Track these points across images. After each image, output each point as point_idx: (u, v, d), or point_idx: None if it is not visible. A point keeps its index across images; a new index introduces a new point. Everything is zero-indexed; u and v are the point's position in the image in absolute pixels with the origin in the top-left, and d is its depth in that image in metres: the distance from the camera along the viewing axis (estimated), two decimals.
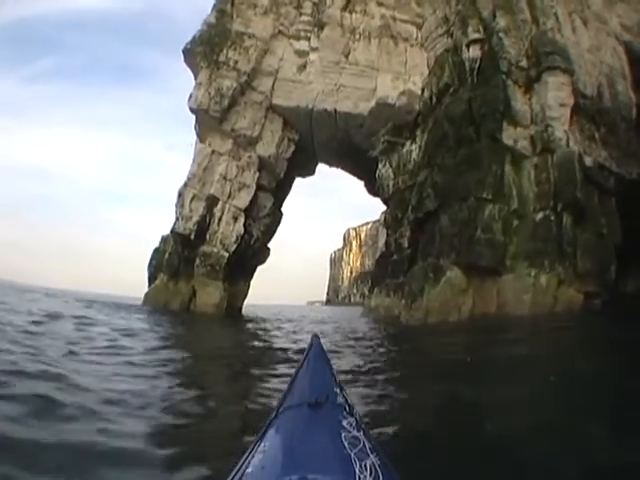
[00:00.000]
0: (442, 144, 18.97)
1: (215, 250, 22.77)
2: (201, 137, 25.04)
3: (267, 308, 51.47)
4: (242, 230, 23.50)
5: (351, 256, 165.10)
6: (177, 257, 22.92)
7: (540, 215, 16.42)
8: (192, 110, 24.07)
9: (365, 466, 1.35)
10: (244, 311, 27.75)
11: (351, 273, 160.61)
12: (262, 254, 27.25)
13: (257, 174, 24.26)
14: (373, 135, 24.29)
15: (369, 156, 24.87)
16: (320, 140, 26.32)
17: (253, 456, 1.54)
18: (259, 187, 24.79)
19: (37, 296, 24.40)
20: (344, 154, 27.26)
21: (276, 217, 27.49)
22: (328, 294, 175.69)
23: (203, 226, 23.02)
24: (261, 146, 24.56)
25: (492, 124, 17.78)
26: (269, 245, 28.05)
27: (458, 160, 17.73)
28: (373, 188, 28.12)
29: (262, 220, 25.42)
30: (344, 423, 1.69)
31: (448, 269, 16.14)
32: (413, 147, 22.05)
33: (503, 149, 17.53)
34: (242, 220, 23.59)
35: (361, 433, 1.63)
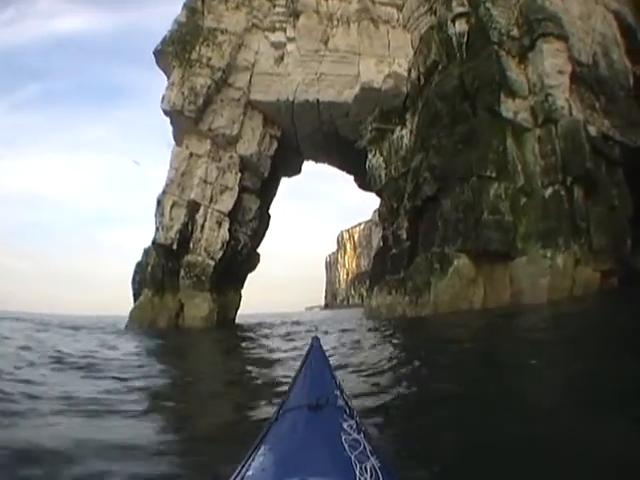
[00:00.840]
0: (435, 124, 17.63)
1: (200, 259, 21.18)
2: (177, 140, 23.48)
3: (264, 317, 49.85)
4: (227, 236, 21.92)
5: (346, 258, 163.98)
6: (160, 269, 21.31)
7: (549, 190, 15.18)
8: (165, 112, 22.56)
9: (365, 469, 1.32)
10: (238, 322, 26.17)
11: (348, 275, 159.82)
12: (251, 260, 25.68)
13: (239, 175, 22.73)
14: (360, 124, 22.86)
15: (357, 147, 23.45)
16: (304, 134, 24.82)
17: (253, 459, 1.49)
18: (243, 189, 23.26)
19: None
20: (330, 148, 25.74)
21: (264, 220, 25.95)
22: (326, 298, 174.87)
23: (186, 234, 21.43)
24: (242, 145, 23.05)
25: (489, 96, 16.54)
26: (259, 250, 26.62)
27: (455, 139, 16.44)
28: (364, 181, 26.67)
29: (249, 224, 23.85)
30: (344, 425, 1.63)
31: (455, 258, 14.69)
32: (404, 132, 20.66)
33: (503, 123, 16.29)
34: (227, 225, 22.01)
35: (361, 436, 1.57)
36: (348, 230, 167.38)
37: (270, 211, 27.64)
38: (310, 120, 23.51)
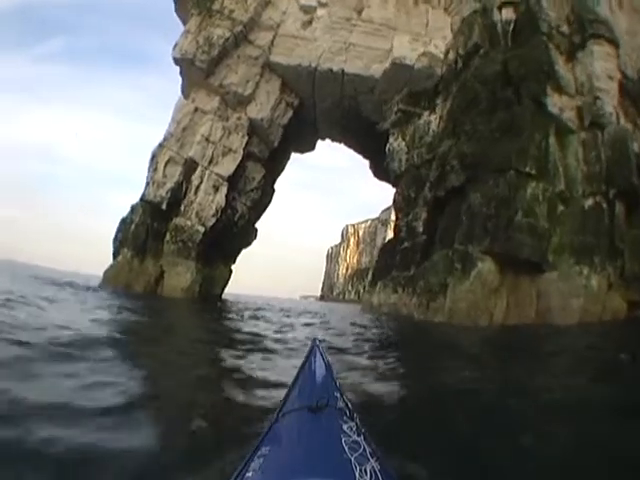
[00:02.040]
0: (472, 108, 15.70)
1: (189, 223, 19.21)
2: (185, 93, 21.50)
3: (256, 299, 48.06)
4: (223, 202, 19.95)
5: (348, 252, 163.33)
6: (145, 229, 19.40)
7: (590, 201, 13.35)
8: (176, 61, 20.53)
9: (365, 471, 1.32)
10: (225, 299, 24.32)
11: (347, 270, 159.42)
12: (247, 234, 23.72)
13: (246, 139, 20.74)
14: (385, 104, 20.90)
15: (378, 129, 21.54)
16: (323, 107, 22.80)
17: (253, 460, 1.49)
18: (248, 155, 21.30)
19: None
20: (349, 127, 23.74)
21: (266, 193, 23.91)
22: (323, 289, 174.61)
23: (178, 195, 19.51)
24: (253, 107, 21.06)
25: (535, 85, 14.63)
26: (257, 226, 24.64)
27: (493, 125, 14.47)
28: (380, 169, 24.75)
29: (249, 194, 21.89)
30: (344, 427, 1.63)
31: (479, 260, 12.68)
32: (432, 118, 18.75)
33: (547, 118, 14.29)
34: (224, 191, 20.03)
35: (361, 438, 1.55)
36: (354, 225, 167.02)
37: (276, 186, 25.72)
38: (331, 92, 21.51)
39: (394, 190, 20.40)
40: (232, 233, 21.49)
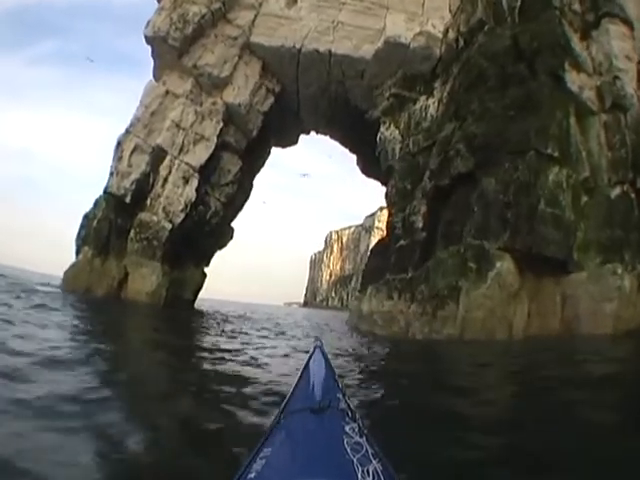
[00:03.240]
0: (478, 87, 13.73)
1: (155, 219, 16.99)
2: (156, 76, 19.30)
3: (237, 306, 46.03)
4: (193, 196, 17.73)
5: (331, 259, 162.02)
6: (107, 225, 17.19)
7: (617, 191, 11.56)
8: (147, 40, 18.42)
9: (367, 472, 1.32)
10: (200, 306, 22.13)
11: (330, 277, 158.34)
12: (222, 234, 21.50)
13: (221, 126, 18.58)
14: (376, 89, 18.91)
15: (368, 119, 19.57)
16: (307, 94, 20.74)
17: (255, 461, 1.49)
18: (224, 146, 19.16)
19: None
20: (336, 116, 21.68)
21: (243, 188, 21.69)
22: (306, 296, 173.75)
23: (144, 187, 17.32)
24: (230, 91, 18.95)
25: (551, 59, 12.72)
26: (233, 225, 22.50)
27: (506, 102, 12.51)
28: (368, 164, 22.85)
29: (223, 188, 19.69)
30: (347, 429, 1.63)
31: (497, 258, 10.63)
32: (430, 102, 16.75)
33: (567, 95, 12.37)
34: (195, 183, 17.81)
35: (364, 439, 1.56)
36: (337, 231, 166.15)
37: (255, 182, 23.58)
38: (317, 76, 19.47)
39: (384, 189, 18.43)
40: (204, 232, 19.24)
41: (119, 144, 17.74)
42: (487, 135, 12.31)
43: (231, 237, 22.40)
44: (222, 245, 22.07)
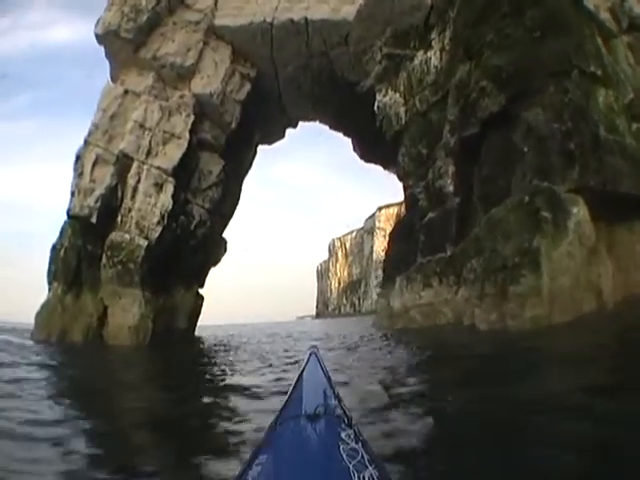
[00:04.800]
0: (488, 18, 11.29)
1: (127, 237, 14.26)
2: (113, 78, 16.78)
3: (248, 328, 43.29)
4: (170, 204, 14.95)
5: (337, 266, 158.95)
6: (75, 254, 14.56)
7: None
8: (98, 39, 16.03)
9: (363, 478, 1.29)
10: (204, 334, 19.46)
11: (339, 284, 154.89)
12: (213, 247, 18.64)
13: (192, 119, 15.89)
14: (364, 53, 16.32)
15: (360, 91, 17.01)
16: (287, 75, 18.07)
17: (251, 468, 1.46)
18: (201, 144, 16.58)
19: None
20: (323, 95, 18.90)
21: (230, 192, 18.94)
22: (317, 307, 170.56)
23: (112, 203, 14.59)
24: (198, 81, 16.34)
25: None
26: (224, 236, 19.76)
27: (528, 25, 10.11)
28: (366, 146, 20.29)
29: (206, 193, 16.96)
30: (342, 435, 1.60)
31: (571, 203, 8.00)
32: (430, 54, 14.20)
33: (587, 16, 10.50)
34: (170, 189, 15.02)
35: (360, 445, 1.53)
36: (340, 238, 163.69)
37: (244, 185, 20.95)
38: (295, 51, 16.89)
39: (380, 189, 16.10)
40: (190, 247, 16.51)
41: (78, 158, 15.07)
42: (515, 63, 9.91)
43: (225, 250, 19.62)
44: (215, 261, 19.28)
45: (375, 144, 18.00)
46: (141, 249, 14.17)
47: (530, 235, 7.98)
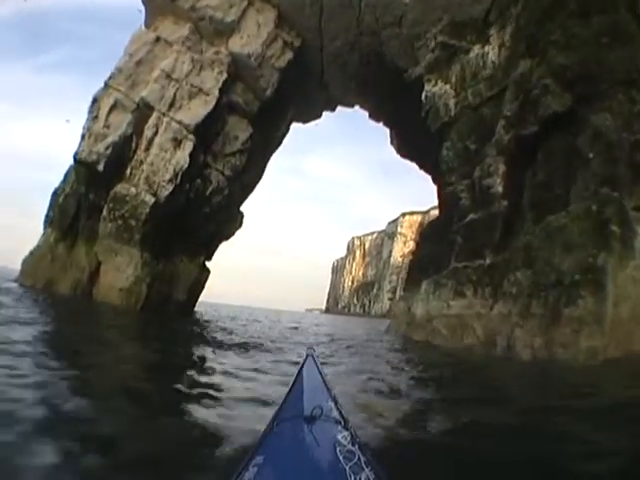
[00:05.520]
0: (556, 14, 10.36)
1: (133, 191, 13.23)
2: (147, 25, 15.73)
3: (257, 312, 43.40)
4: (186, 162, 13.81)
5: (354, 265, 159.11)
6: (76, 202, 13.72)
7: None
8: None
9: None
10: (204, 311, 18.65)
11: (353, 283, 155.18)
12: (227, 220, 17.29)
13: (224, 77, 14.76)
14: (418, 39, 15.06)
15: (408, 78, 15.75)
16: (333, 50, 16.86)
17: (248, 469, 1.45)
18: (230, 106, 15.48)
19: None
20: (368, 77, 17.62)
21: (255, 163, 17.68)
22: (328, 302, 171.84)
23: (124, 153, 13.66)
24: (237, 40, 15.23)
25: None
26: (242, 209, 18.49)
27: (595, 29, 9.29)
28: (404, 139, 19.19)
29: (229, 159, 15.70)
30: (339, 437, 1.62)
31: (637, 222, 7.00)
32: (487, 49, 12.96)
33: None
34: (189, 147, 13.89)
35: (356, 447, 1.54)
36: (360, 237, 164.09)
37: (270, 164, 19.88)
38: (345, 26, 15.73)
39: (404, 195, 14.94)
40: (203, 214, 15.31)
41: (95, 101, 14.07)
42: (581, 64, 9.19)
43: (240, 225, 18.30)
44: (228, 234, 17.96)
45: (415, 138, 17.02)
46: (146, 206, 13.10)
47: (595, 250, 6.85)
